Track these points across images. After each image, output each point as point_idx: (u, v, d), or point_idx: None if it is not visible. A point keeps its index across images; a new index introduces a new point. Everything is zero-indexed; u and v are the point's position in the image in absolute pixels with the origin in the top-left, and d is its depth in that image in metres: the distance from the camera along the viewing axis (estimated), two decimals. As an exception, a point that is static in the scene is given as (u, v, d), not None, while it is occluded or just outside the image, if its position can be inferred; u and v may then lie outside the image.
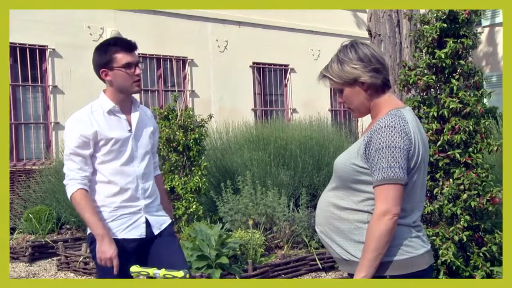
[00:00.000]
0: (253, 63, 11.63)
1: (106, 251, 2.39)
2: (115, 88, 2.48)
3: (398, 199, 1.81)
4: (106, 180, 2.47)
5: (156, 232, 2.56)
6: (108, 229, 2.43)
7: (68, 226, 6.93)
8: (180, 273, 2.04)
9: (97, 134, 2.43)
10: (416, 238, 1.90)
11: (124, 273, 2.35)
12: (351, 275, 1.92)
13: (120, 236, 2.48)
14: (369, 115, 2.01)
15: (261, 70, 11.85)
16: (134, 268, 2.18)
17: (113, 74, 2.44)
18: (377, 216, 1.81)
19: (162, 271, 2.10)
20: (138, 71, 2.47)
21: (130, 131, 2.51)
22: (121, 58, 2.43)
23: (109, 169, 2.47)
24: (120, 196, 2.48)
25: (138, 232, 2.51)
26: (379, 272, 1.84)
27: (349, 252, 1.91)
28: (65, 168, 2.46)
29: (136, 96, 2.78)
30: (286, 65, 12.12)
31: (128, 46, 2.46)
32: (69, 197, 2.44)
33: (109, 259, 2.39)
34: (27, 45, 8.92)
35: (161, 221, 2.61)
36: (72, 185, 2.43)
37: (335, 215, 1.94)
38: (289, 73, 12.17)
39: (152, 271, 2.15)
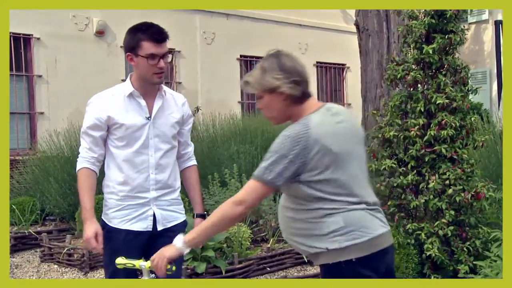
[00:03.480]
0: (241, 55, 11.58)
1: (84, 233, 2.33)
2: (138, 74, 2.42)
3: (258, 199, 1.95)
4: (117, 166, 2.43)
5: (159, 228, 2.46)
6: (93, 214, 2.36)
7: (52, 218, 6.84)
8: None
9: (110, 118, 2.39)
10: (374, 218, 1.99)
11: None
12: (323, 265, 1.99)
13: (124, 227, 2.42)
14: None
15: (249, 63, 11.81)
16: (119, 260, 2.16)
17: (137, 60, 2.37)
18: (234, 201, 1.94)
19: (148, 263, 2.08)
20: (162, 64, 2.36)
21: (148, 118, 2.43)
22: (147, 47, 2.33)
23: (121, 155, 2.42)
24: (127, 185, 2.42)
25: (144, 225, 2.44)
26: (346, 256, 1.91)
27: (313, 246, 1.97)
28: (80, 146, 2.47)
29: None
30: (274, 59, 12.08)
31: (157, 37, 2.35)
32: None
33: (86, 241, 2.34)
34: (11, 33, 8.76)
35: (170, 218, 2.50)
36: (80, 163, 2.43)
37: (290, 218, 2.03)
38: (277, 67, 12.13)
39: (138, 263, 2.12)
